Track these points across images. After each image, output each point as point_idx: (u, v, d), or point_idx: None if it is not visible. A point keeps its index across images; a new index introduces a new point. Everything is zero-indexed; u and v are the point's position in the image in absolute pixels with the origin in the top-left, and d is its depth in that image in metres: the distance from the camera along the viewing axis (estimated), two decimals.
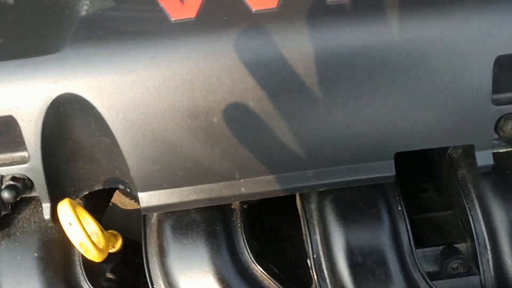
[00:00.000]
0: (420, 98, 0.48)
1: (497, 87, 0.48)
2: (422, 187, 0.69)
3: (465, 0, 0.47)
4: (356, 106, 0.47)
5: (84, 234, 0.46)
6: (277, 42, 0.46)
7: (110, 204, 0.71)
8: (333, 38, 0.46)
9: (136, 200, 0.53)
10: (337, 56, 0.46)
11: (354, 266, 0.49)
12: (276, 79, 0.47)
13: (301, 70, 0.46)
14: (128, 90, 0.46)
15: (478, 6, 0.47)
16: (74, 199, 0.52)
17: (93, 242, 0.47)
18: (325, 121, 0.48)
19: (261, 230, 0.66)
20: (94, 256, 0.47)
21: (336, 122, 0.48)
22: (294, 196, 0.56)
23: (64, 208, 0.47)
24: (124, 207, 0.84)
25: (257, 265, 0.52)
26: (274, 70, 0.46)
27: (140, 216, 0.54)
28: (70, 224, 0.47)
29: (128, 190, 0.53)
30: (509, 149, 0.54)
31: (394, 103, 0.48)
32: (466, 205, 0.52)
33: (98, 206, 0.59)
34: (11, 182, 0.50)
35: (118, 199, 0.82)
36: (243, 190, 0.50)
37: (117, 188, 0.56)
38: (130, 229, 0.66)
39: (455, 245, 0.53)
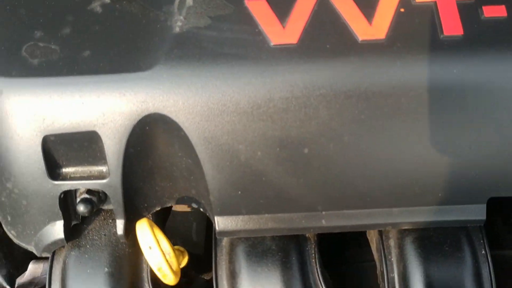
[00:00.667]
0: None
1: None
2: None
3: None
4: (461, 144, 0.45)
5: (163, 259, 0.45)
6: (382, 75, 0.43)
7: None
8: (443, 73, 0.43)
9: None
10: (445, 93, 0.43)
11: None
12: (375, 114, 0.44)
13: (402, 106, 0.44)
14: (219, 115, 0.44)
15: None
16: (146, 216, 0.51)
17: (170, 267, 0.45)
18: (420, 159, 0.46)
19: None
20: (171, 280, 0.46)
21: (432, 160, 0.46)
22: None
23: (144, 230, 0.46)
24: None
25: None
26: (373, 104, 0.44)
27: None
28: (150, 248, 0.45)
29: (201, 210, 0.51)
30: None
31: (495, 145, 0.45)
32: None
33: (160, 219, 0.57)
34: (87, 196, 0.49)
35: None
36: (323, 222, 0.49)
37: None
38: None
39: None
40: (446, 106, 0.44)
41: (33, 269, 0.69)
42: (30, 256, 0.67)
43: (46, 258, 0.64)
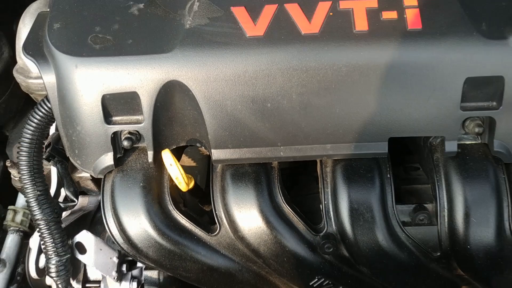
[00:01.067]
0: (412, 100, 0.70)
1: (465, 98, 0.70)
2: (415, 166, 0.92)
3: (448, 38, 0.68)
4: (369, 102, 0.70)
5: (179, 171, 0.71)
6: (316, 56, 0.69)
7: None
8: (355, 55, 0.68)
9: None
10: (357, 68, 0.69)
11: (351, 210, 0.73)
12: (312, 81, 0.69)
13: (330, 76, 0.69)
14: (215, 81, 0.70)
15: (458, 41, 0.68)
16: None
17: (184, 177, 0.72)
18: (343, 111, 0.71)
19: (291, 187, 0.91)
20: (183, 187, 0.73)
21: (350, 112, 0.71)
22: (315, 164, 0.80)
23: (167, 154, 0.72)
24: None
25: (287, 206, 0.77)
26: (311, 74, 0.69)
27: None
28: (171, 165, 0.72)
29: (203, 147, 0.77)
30: (472, 142, 0.76)
31: (394, 101, 0.70)
32: (435, 178, 0.75)
33: (177, 157, 0.83)
34: (128, 135, 0.75)
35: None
36: (282, 154, 0.74)
37: (191, 146, 0.80)
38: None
39: (424, 204, 0.77)
40: (359, 78, 0.69)
41: (82, 201, 0.96)
42: (81, 191, 0.94)
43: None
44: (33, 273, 0.80)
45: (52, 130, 0.87)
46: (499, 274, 0.77)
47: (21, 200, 1.06)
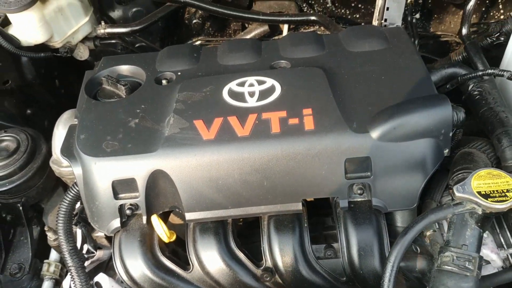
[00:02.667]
0: (314, 175, 1.07)
1: (347, 171, 1.07)
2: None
3: (332, 134, 1.06)
4: (285, 177, 1.07)
5: (163, 229, 1.08)
6: (249, 149, 1.07)
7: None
8: (274, 149, 1.06)
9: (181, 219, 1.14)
10: (280, 156, 1.06)
11: (280, 250, 1.08)
12: (248, 165, 1.07)
13: (258, 163, 1.07)
14: (185, 169, 1.08)
15: (338, 136, 1.06)
16: (156, 214, 1.14)
17: (166, 233, 1.08)
18: (271, 183, 1.08)
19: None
20: (166, 239, 1.09)
21: (275, 183, 1.08)
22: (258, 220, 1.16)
23: (154, 218, 1.09)
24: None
25: (238, 249, 1.12)
26: (246, 162, 1.07)
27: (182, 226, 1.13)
28: (156, 225, 1.08)
29: (180, 211, 1.14)
30: (360, 199, 1.11)
31: (302, 176, 1.07)
32: (337, 225, 1.10)
33: (167, 217, 1.20)
34: (130, 206, 1.12)
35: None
36: (231, 213, 1.10)
37: (173, 211, 1.17)
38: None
39: (332, 244, 1.12)
40: (276, 162, 1.07)
41: (99, 253, 1.31)
42: (99, 246, 1.30)
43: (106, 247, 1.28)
44: None
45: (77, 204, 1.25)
46: None
47: (53, 255, 1.42)
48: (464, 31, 1.46)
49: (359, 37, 1.29)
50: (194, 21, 1.87)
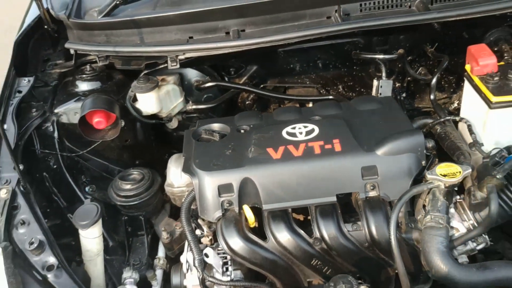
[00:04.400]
0: (342, 178, 1.75)
1: (363, 175, 1.75)
2: None
3: (352, 153, 1.76)
4: (327, 181, 1.76)
5: (251, 213, 1.73)
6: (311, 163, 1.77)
7: None
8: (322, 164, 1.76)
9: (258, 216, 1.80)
10: (326, 169, 1.76)
11: (324, 225, 1.71)
12: (310, 172, 1.76)
13: (314, 170, 1.76)
14: (263, 176, 1.75)
15: (355, 155, 1.76)
16: None
17: (252, 216, 1.73)
18: (320, 184, 1.75)
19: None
20: (252, 220, 1.73)
21: (322, 185, 1.75)
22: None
23: (246, 207, 1.75)
24: None
25: (297, 226, 1.75)
26: (309, 171, 1.75)
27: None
28: (247, 210, 1.74)
29: (258, 207, 1.79)
30: (374, 194, 1.76)
31: (337, 180, 1.75)
32: (359, 210, 1.75)
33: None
34: (228, 202, 1.79)
35: None
36: (291, 204, 1.76)
37: (254, 207, 1.83)
38: None
39: (357, 222, 1.75)
40: (323, 172, 1.76)
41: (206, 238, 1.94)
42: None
43: None
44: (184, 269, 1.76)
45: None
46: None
47: (160, 252, 2.04)
48: (431, 97, 2.24)
49: (363, 101, 2.06)
50: (247, 102, 2.68)
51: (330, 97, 2.49)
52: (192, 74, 2.58)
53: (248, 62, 2.63)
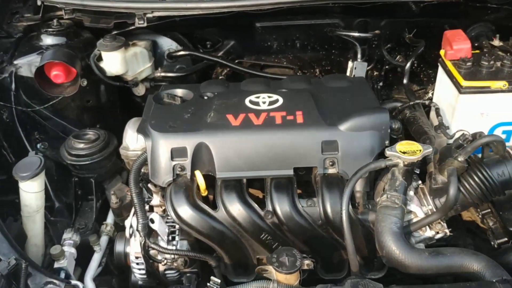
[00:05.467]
0: (301, 151, 1.67)
1: (322, 150, 1.67)
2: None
3: (315, 126, 1.69)
4: (283, 151, 1.68)
5: (202, 179, 1.64)
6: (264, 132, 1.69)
7: None
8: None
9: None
10: (281, 138, 1.68)
11: (278, 199, 1.63)
12: (257, 143, 1.68)
13: (266, 143, 1.68)
14: (219, 143, 1.67)
15: (318, 127, 1.69)
16: None
17: (203, 183, 1.65)
18: (276, 155, 1.68)
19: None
20: (203, 186, 1.65)
21: (277, 156, 1.67)
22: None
23: (198, 172, 1.66)
24: None
25: (249, 197, 1.67)
26: (253, 142, 1.68)
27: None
28: (198, 176, 1.65)
29: (212, 175, 1.70)
30: (330, 170, 1.69)
31: (294, 152, 1.67)
32: (315, 186, 1.67)
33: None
34: (180, 166, 1.70)
35: None
36: (247, 174, 1.68)
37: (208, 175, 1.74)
38: None
39: (312, 198, 1.67)
40: (278, 141, 1.68)
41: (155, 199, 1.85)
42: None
43: None
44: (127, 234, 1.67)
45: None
46: None
47: (109, 219, 1.94)
48: (404, 81, 2.18)
49: (334, 79, 1.99)
50: (220, 77, 2.60)
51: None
52: (166, 43, 2.49)
53: (225, 36, 2.55)
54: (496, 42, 2.10)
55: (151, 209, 1.80)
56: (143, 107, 2.04)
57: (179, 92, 1.98)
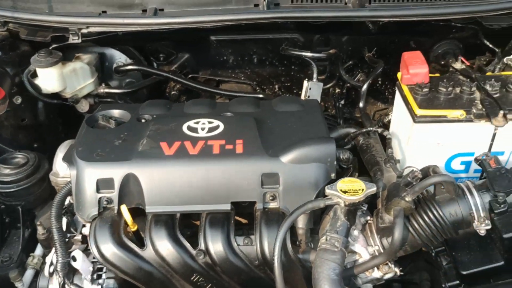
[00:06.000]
0: (239, 184, 1.53)
1: (263, 184, 1.53)
2: None
3: (255, 157, 1.55)
4: (220, 184, 1.53)
5: (129, 215, 1.49)
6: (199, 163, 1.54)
7: None
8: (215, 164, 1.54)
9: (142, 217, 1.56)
10: (217, 171, 1.54)
11: (211, 237, 1.49)
12: (191, 175, 1.53)
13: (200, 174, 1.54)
14: (150, 174, 1.53)
15: (258, 158, 1.55)
16: None
17: (130, 219, 1.50)
18: (211, 191, 1.53)
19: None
20: (130, 222, 1.50)
21: (214, 189, 1.53)
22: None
23: (124, 207, 1.51)
24: None
25: (180, 235, 1.52)
26: (187, 173, 1.53)
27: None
28: (124, 211, 1.50)
29: (142, 207, 1.56)
30: (272, 206, 1.55)
31: (232, 184, 1.53)
32: (254, 222, 1.53)
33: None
34: (106, 199, 1.55)
35: None
36: (180, 209, 1.54)
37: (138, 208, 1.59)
38: None
39: (250, 236, 1.53)
40: (212, 174, 1.54)
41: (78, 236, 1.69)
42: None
43: None
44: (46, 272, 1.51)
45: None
46: None
47: (38, 251, 1.79)
48: (361, 104, 2.04)
49: (284, 101, 1.84)
50: (173, 92, 2.45)
51: (260, 95, 2.28)
52: (115, 56, 2.33)
53: (179, 49, 2.40)
54: (458, 65, 1.97)
55: (84, 239, 1.65)
56: None
57: (116, 113, 1.83)
